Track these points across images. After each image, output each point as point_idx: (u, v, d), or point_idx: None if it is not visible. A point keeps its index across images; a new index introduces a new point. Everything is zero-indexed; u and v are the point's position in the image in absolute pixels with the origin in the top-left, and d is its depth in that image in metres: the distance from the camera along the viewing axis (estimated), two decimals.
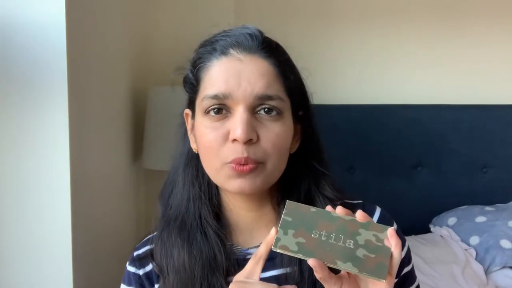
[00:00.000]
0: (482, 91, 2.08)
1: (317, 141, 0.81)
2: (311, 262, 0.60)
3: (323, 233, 0.63)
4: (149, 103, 1.72)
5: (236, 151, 0.69)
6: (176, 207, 0.80)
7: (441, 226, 1.88)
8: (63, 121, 1.09)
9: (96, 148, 1.33)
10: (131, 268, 0.82)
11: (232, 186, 0.72)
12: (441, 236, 1.84)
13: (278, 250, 0.63)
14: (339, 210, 0.65)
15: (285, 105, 0.73)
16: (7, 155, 1.10)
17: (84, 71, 1.21)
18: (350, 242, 0.62)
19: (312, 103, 0.80)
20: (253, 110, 0.71)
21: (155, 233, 0.82)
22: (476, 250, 1.72)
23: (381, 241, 0.62)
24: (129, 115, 1.70)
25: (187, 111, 0.81)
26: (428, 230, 1.93)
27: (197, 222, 0.78)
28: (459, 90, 2.08)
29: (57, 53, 1.08)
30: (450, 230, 1.83)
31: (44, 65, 1.08)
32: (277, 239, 0.63)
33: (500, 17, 2.07)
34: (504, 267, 1.67)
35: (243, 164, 0.69)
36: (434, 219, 1.94)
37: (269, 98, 0.70)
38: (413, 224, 1.86)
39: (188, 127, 0.81)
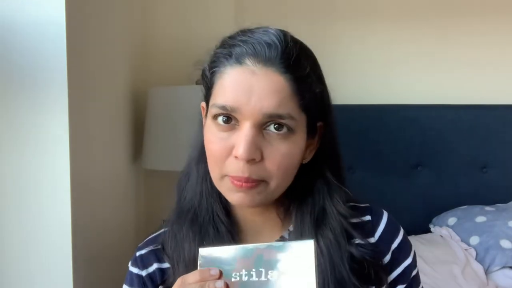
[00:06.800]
0: (482, 91, 2.07)
1: (335, 153, 0.79)
2: None
3: (243, 272, 0.60)
4: (149, 103, 1.72)
5: (237, 168, 0.68)
6: (189, 200, 0.79)
7: (441, 226, 1.88)
8: (63, 121, 1.09)
9: (96, 148, 1.33)
10: (133, 269, 0.81)
11: (231, 198, 0.71)
12: (441, 236, 1.84)
13: None
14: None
15: (297, 123, 0.69)
16: (7, 155, 1.10)
17: (84, 71, 1.21)
18: (272, 272, 0.59)
19: (333, 112, 0.77)
20: (261, 127, 0.68)
21: (163, 230, 0.81)
22: (476, 250, 1.72)
23: (301, 259, 0.59)
24: (129, 115, 1.70)
25: (203, 104, 0.78)
26: (428, 230, 1.93)
27: (209, 217, 0.77)
28: (459, 90, 2.08)
29: (57, 53, 1.08)
30: (450, 230, 1.83)
31: (44, 65, 1.08)
32: None
33: (501, 17, 2.07)
34: (504, 267, 1.67)
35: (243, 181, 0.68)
36: (434, 219, 1.94)
37: (279, 116, 0.67)
38: (413, 224, 1.86)
39: (204, 120, 0.79)
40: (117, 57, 1.56)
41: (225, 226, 0.76)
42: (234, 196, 0.70)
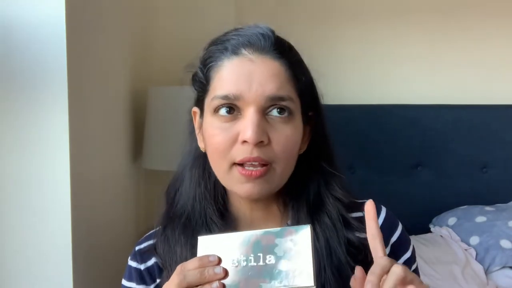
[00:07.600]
0: (482, 91, 2.08)
1: (327, 142, 0.81)
2: None
3: (242, 258, 0.61)
4: (149, 103, 1.72)
5: (245, 151, 0.69)
6: (182, 205, 0.80)
7: (441, 226, 1.88)
8: (63, 121, 1.10)
9: (96, 148, 1.33)
10: (132, 263, 0.82)
11: (240, 190, 0.72)
12: (441, 236, 1.84)
13: None
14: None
15: (296, 106, 0.72)
16: (8, 155, 1.10)
17: (84, 71, 1.21)
18: (270, 257, 0.60)
19: (322, 104, 0.79)
20: (264, 112, 0.70)
21: (158, 228, 0.82)
22: (476, 250, 1.72)
23: (298, 243, 0.60)
24: (129, 115, 1.70)
25: (195, 109, 0.80)
26: (428, 230, 1.93)
27: (202, 221, 0.77)
28: (459, 90, 2.08)
29: (57, 53, 1.08)
30: (450, 230, 1.83)
31: (44, 65, 1.08)
32: None
33: (501, 17, 2.07)
34: (504, 267, 1.67)
35: (253, 166, 0.69)
36: (434, 219, 1.94)
37: (281, 99, 0.69)
38: (413, 224, 1.85)
39: (196, 125, 0.80)
40: (117, 56, 1.56)
41: (218, 227, 0.76)
42: (243, 187, 0.71)
